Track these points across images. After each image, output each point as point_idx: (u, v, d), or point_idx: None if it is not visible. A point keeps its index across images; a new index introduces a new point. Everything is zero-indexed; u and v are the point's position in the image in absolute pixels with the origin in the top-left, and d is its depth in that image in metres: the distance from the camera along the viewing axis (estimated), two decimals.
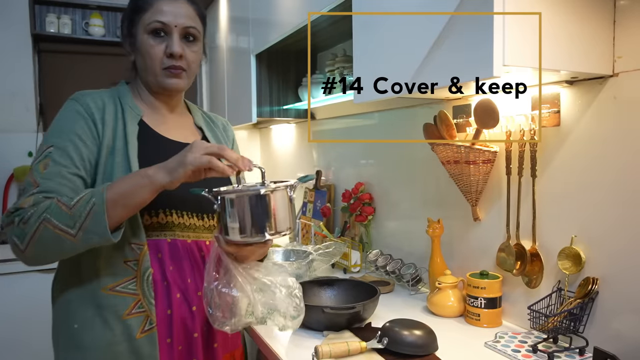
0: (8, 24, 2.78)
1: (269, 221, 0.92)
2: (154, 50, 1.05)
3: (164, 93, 1.12)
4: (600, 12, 1.03)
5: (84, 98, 1.04)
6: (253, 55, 2.30)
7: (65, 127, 1.00)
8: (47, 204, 0.90)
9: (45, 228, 0.88)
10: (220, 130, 1.26)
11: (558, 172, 1.19)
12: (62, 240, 0.89)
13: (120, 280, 1.00)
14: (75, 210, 0.89)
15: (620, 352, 1.00)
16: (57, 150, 0.97)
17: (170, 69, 1.07)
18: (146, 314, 1.00)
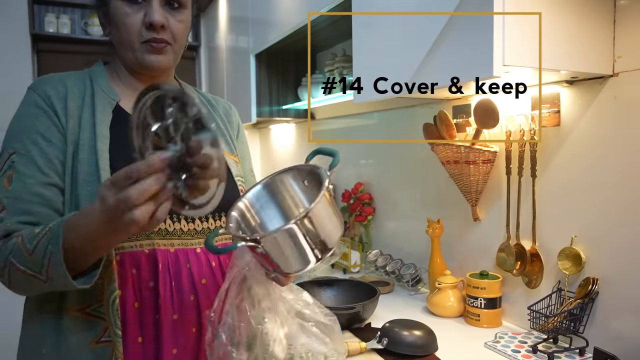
0: (7, 23, 2.77)
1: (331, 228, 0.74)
2: (130, 19, 0.85)
3: (146, 72, 0.91)
4: (600, 12, 1.03)
5: (42, 86, 0.86)
6: (252, 55, 2.30)
7: (25, 126, 0.84)
8: (11, 244, 0.76)
9: (14, 271, 0.75)
10: (220, 114, 1.04)
11: (558, 172, 1.18)
12: (37, 284, 0.75)
13: (88, 300, 0.81)
14: (35, 256, 0.73)
15: (621, 352, 1.00)
16: (20, 158, 0.81)
17: (151, 42, 0.86)
18: (115, 346, 0.80)
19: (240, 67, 2.49)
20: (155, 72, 0.92)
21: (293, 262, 0.72)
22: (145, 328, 0.84)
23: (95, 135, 0.84)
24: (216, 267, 0.91)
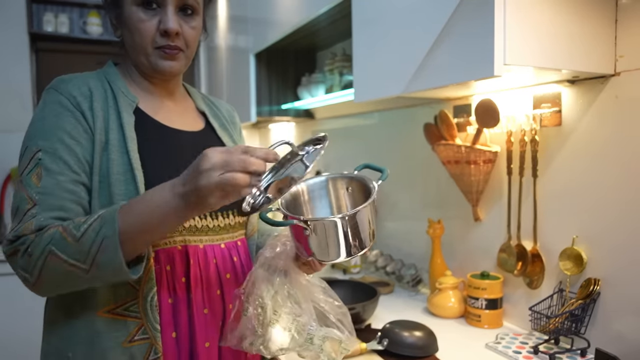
0: (5, 22, 2.76)
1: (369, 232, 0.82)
2: (145, 25, 0.86)
3: (158, 76, 0.93)
4: (601, 11, 1.02)
5: (66, 86, 0.86)
6: (252, 54, 2.29)
7: (50, 125, 0.83)
8: (51, 233, 0.75)
9: (53, 262, 0.74)
10: (224, 115, 1.07)
11: (559, 172, 1.18)
12: (73, 276, 0.74)
13: (120, 300, 0.82)
14: (84, 244, 0.73)
15: (622, 353, 1.00)
16: (47, 155, 0.80)
17: (165, 49, 0.87)
18: (150, 342, 0.82)
19: (239, 66, 2.48)
20: (167, 77, 0.94)
21: (329, 252, 0.80)
22: (178, 324, 0.86)
23: (125, 136, 0.85)
24: (237, 262, 0.94)
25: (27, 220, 0.77)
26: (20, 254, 0.76)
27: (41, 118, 0.85)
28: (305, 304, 0.87)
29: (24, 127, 0.90)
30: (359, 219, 0.80)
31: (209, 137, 0.99)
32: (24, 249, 0.75)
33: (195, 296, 0.87)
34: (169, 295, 0.86)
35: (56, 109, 0.84)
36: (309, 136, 0.78)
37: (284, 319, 0.85)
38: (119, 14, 0.89)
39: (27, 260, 0.75)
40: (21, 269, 0.76)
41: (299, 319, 0.86)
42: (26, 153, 0.82)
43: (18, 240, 0.76)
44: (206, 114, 1.02)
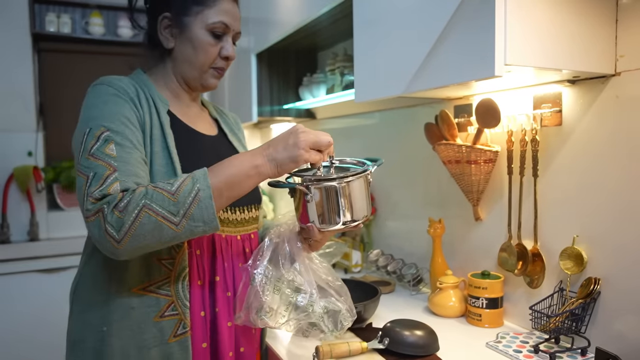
0: (8, 23, 2.77)
1: (364, 204, 0.93)
2: (212, 49, 1.02)
3: (199, 89, 1.09)
4: (602, 11, 1.03)
5: (116, 82, 0.96)
6: (253, 54, 2.30)
7: (112, 111, 0.91)
8: (143, 191, 0.82)
9: (147, 215, 0.80)
10: (232, 123, 1.22)
11: (560, 171, 1.18)
12: (163, 229, 0.82)
13: (153, 279, 0.93)
14: (180, 197, 0.82)
15: (622, 352, 1.00)
16: (115, 134, 0.88)
17: (219, 69, 1.05)
18: (179, 317, 0.93)
19: (241, 66, 2.49)
20: (206, 91, 1.10)
21: (327, 218, 0.90)
22: (205, 304, 0.98)
23: (164, 133, 0.97)
24: (249, 253, 1.07)
25: (110, 183, 0.83)
26: (108, 211, 0.81)
27: (101, 104, 0.92)
28: (307, 276, 0.96)
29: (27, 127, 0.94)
30: (354, 188, 0.90)
31: (222, 141, 1.14)
32: (113, 205, 0.81)
33: (220, 280, 1.00)
34: (199, 277, 0.98)
35: (114, 99, 0.93)
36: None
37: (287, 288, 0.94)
38: (181, 32, 1.02)
39: (117, 216, 0.80)
40: (109, 225, 0.80)
41: (301, 287, 0.94)
42: (90, 133, 0.88)
43: (104, 198, 0.82)
44: (218, 121, 1.17)
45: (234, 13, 1.04)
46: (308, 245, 1.00)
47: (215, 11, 1.01)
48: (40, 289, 2.41)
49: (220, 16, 1.01)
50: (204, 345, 0.97)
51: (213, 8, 1.01)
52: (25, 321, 2.38)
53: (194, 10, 1.00)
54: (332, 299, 0.97)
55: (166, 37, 1.03)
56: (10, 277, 2.36)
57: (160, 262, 0.93)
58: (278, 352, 1.16)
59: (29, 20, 2.82)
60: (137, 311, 0.92)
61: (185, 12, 1.01)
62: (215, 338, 1.00)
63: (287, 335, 1.26)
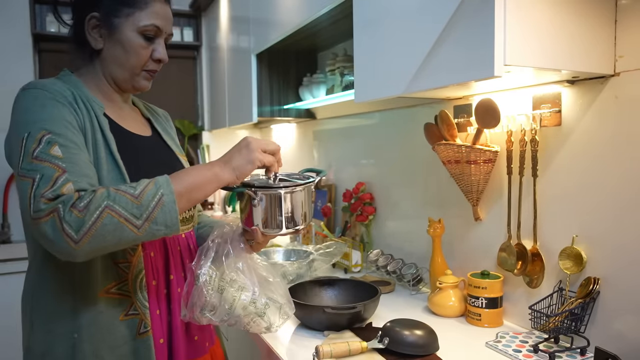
0: (8, 23, 2.78)
1: (305, 213, 1.00)
2: (144, 51, 1.00)
3: (131, 91, 1.07)
4: (601, 11, 1.03)
5: (51, 86, 0.93)
6: (254, 54, 2.30)
7: (52, 114, 0.88)
8: (105, 192, 0.81)
9: (109, 216, 0.79)
10: (163, 121, 1.22)
11: (559, 171, 1.18)
12: (124, 231, 0.81)
13: (114, 282, 0.94)
14: (143, 200, 0.82)
15: (622, 352, 1.00)
16: (59, 137, 0.85)
17: (151, 72, 1.04)
18: (140, 317, 0.96)
19: (241, 66, 2.49)
20: (138, 92, 1.08)
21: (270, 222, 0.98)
22: (160, 302, 1.01)
23: (106, 137, 0.96)
24: (193, 249, 1.11)
25: (62, 184, 0.81)
26: (65, 210, 0.78)
27: (38, 107, 0.88)
28: (250, 274, 1.02)
29: None
30: (297, 198, 0.97)
31: (158, 141, 1.14)
32: (70, 205, 0.79)
33: (173, 278, 1.03)
34: (153, 278, 1.00)
35: (52, 102, 0.90)
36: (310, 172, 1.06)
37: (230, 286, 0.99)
38: (111, 33, 0.99)
39: (76, 215, 0.78)
40: (67, 225, 0.78)
41: (243, 285, 1.00)
42: (30, 137, 0.85)
43: (58, 198, 0.80)
44: (151, 121, 1.16)
45: (166, 15, 1.02)
46: (250, 247, 1.03)
47: (146, 13, 0.99)
48: None
49: (152, 19, 0.99)
50: (161, 341, 1.00)
51: (145, 10, 0.98)
52: None
53: (125, 12, 0.98)
54: (271, 295, 1.03)
55: (94, 38, 1.00)
56: (11, 277, 2.36)
57: (117, 265, 0.94)
58: (278, 352, 1.17)
59: (29, 20, 2.82)
60: (105, 314, 0.93)
61: (115, 14, 0.98)
62: (170, 333, 1.03)
63: (287, 335, 1.27)
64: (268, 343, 1.22)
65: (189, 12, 3.33)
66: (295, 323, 1.33)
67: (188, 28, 3.34)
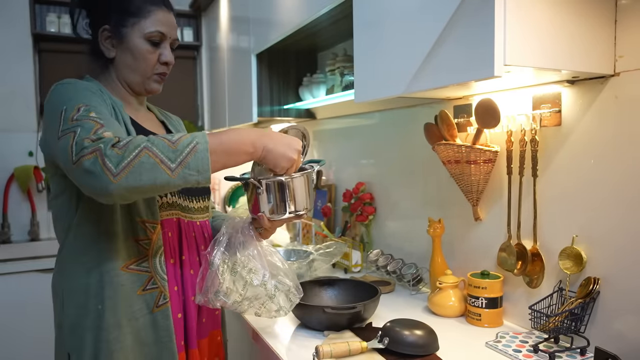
0: (8, 23, 2.78)
1: (306, 198, 1.06)
2: (152, 56, 1.11)
3: (144, 94, 1.18)
4: (601, 12, 1.03)
5: (83, 82, 1.05)
6: (253, 54, 2.30)
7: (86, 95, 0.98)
8: (145, 137, 0.89)
9: (147, 155, 0.86)
10: (176, 124, 1.33)
11: (559, 171, 1.18)
12: (159, 172, 0.86)
13: (134, 258, 1.05)
14: (179, 146, 0.89)
15: (622, 352, 1.00)
16: (93, 108, 0.94)
17: (161, 75, 1.15)
18: (160, 290, 1.07)
19: (241, 66, 2.49)
20: (150, 95, 1.19)
21: (275, 208, 1.05)
22: (177, 280, 1.12)
23: (128, 130, 1.06)
24: (208, 237, 1.21)
25: (103, 131, 0.89)
26: (106, 148, 0.85)
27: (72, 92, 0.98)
28: (260, 260, 1.11)
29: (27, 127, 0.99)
30: (298, 184, 1.03)
31: None
32: (111, 144, 0.85)
33: (186, 259, 1.14)
34: (171, 256, 1.11)
35: (85, 89, 1.01)
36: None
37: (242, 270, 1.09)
38: (120, 42, 1.11)
39: (116, 152, 0.85)
40: (108, 159, 0.84)
41: (254, 269, 1.09)
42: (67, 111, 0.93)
43: (100, 139, 0.87)
44: (165, 124, 1.28)
45: (169, 21, 1.13)
46: (259, 234, 1.12)
47: (150, 21, 1.10)
48: (41, 289, 2.41)
49: (155, 26, 1.10)
50: (179, 315, 1.11)
51: (149, 18, 1.10)
52: (26, 321, 2.39)
53: (131, 21, 1.09)
54: (281, 278, 1.12)
55: (107, 48, 1.12)
56: (11, 277, 2.36)
57: (138, 242, 1.05)
58: (278, 352, 1.17)
59: (29, 20, 2.83)
60: (126, 287, 1.04)
61: (123, 24, 1.10)
62: (185, 310, 1.13)
63: (287, 335, 1.27)
64: (268, 343, 1.22)
65: (189, 12, 3.33)
66: (295, 323, 1.33)
67: (188, 28, 3.34)
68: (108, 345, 1.02)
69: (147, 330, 1.06)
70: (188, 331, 1.14)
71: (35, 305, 2.39)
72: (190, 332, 1.14)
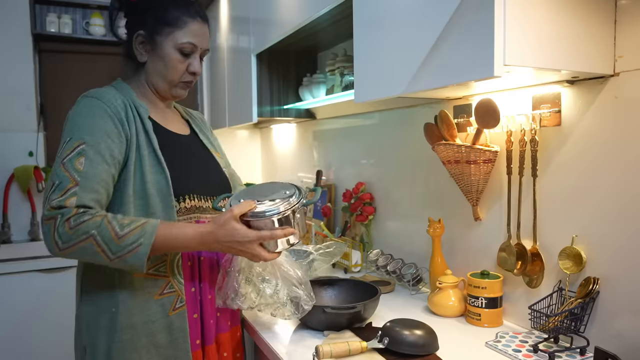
0: (8, 23, 2.78)
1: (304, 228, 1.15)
2: (181, 65, 1.16)
3: (168, 99, 1.23)
4: (601, 12, 1.03)
5: (105, 96, 1.09)
6: (254, 54, 2.30)
7: (94, 124, 1.04)
8: (98, 222, 0.96)
9: (90, 243, 0.96)
10: (199, 122, 1.38)
11: (559, 171, 1.19)
12: (99, 256, 0.98)
13: (152, 263, 1.07)
14: (122, 242, 0.97)
15: (621, 352, 1.00)
16: (90, 148, 1.01)
17: (188, 83, 1.20)
18: (177, 294, 1.10)
19: (241, 66, 2.49)
20: (176, 99, 1.25)
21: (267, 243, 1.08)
22: (195, 281, 1.16)
23: (150, 138, 1.12)
24: None
25: (69, 196, 0.97)
26: (60, 222, 0.95)
27: (88, 115, 1.05)
28: (273, 269, 1.18)
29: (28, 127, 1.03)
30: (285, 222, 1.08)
31: (195, 139, 1.30)
32: (65, 218, 0.95)
33: (204, 259, 1.18)
34: (188, 259, 1.15)
35: (99, 113, 1.06)
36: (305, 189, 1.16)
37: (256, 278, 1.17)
38: (153, 48, 1.15)
39: (66, 231, 0.95)
40: (57, 234, 0.95)
41: (268, 278, 1.17)
42: (69, 142, 1.02)
43: (60, 209, 0.96)
44: (189, 122, 1.33)
45: (203, 33, 1.17)
46: None
47: (184, 32, 1.13)
48: (41, 289, 2.41)
49: (189, 37, 1.14)
50: (195, 316, 1.15)
51: (183, 29, 1.13)
52: (26, 321, 2.38)
53: (166, 30, 1.13)
54: (293, 288, 1.19)
55: (140, 52, 1.17)
56: (11, 277, 2.36)
57: None
58: (278, 352, 1.17)
59: (29, 20, 2.82)
60: (140, 292, 1.07)
61: (157, 32, 1.13)
62: (201, 308, 1.18)
63: (287, 335, 1.27)
64: (268, 343, 1.22)
65: None
66: (295, 323, 1.33)
67: None
68: (122, 345, 1.06)
69: (162, 333, 1.09)
70: (205, 329, 1.17)
71: (36, 305, 2.39)
72: (207, 330, 1.18)
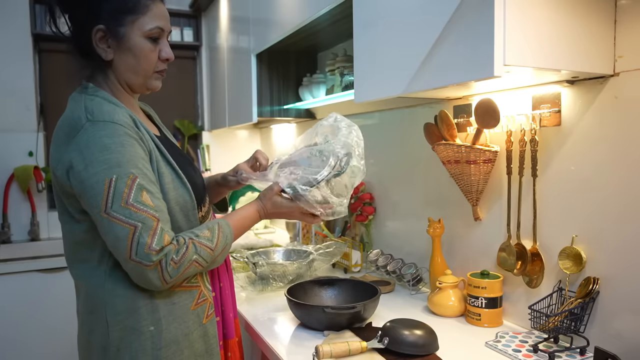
0: (8, 23, 2.78)
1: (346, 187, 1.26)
2: (153, 54, 1.05)
3: (144, 93, 1.12)
4: (601, 12, 1.03)
5: (118, 118, 0.97)
6: (253, 54, 2.30)
7: (132, 154, 0.95)
8: (193, 248, 0.98)
9: (194, 267, 0.99)
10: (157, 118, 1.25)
11: (559, 171, 1.19)
12: (196, 271, 1.02)
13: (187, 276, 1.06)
14: (215, 252, 1.02)
15: (621, 352, 1.00)
16: (143, 180, 0.95)
17: (161, 72, 1.09)
18: (208, 301, 1.10)
19: (241, 66, 2.49)
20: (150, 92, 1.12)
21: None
22: (215, 285, 1.16)
23: (161, 151, 1.04)
24: None
25: (161, 234, 0.94)
26: (167, 262, 0.94)
27: (118, 147, 0.94)
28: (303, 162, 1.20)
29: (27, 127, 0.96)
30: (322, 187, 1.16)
31: (168, 139, 1.18)
32: (170, 257, 0.94)
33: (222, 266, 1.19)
34: None
35: (128, 140, 0.97)
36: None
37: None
38: (119, 43, 1.02)
39: (174, 267, 0.95)
40: (167, 274, 0.94)
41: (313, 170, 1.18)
42: (120, 181, 0.93)
43: (162, 250, 0.93)
44: (151, 117, 1.21)
45: (165, 15, 1.07)
46: None
47: (149, 17, 1.02)
48: (41, 289, 2.42)
49: (155, 21, 1.03)
50: (217, 319, 1.15)
51: (147, 14, 1.02)
52: (26, 321, 2.39)
53: (129, 19, 1.01)
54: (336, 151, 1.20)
55: (104, 49, 1.02)
56: (11, 277, 2.36)
57: None
58: (278, 352, 1.17)
59: (29, 20, 2.83)
60: (178, 305, 1.04)
61: (120, 23, 1.01)
62: (223, 310, 1.18)
63: (287, 335, 1.27)
64: (268, 343, 1.22)
65: (189, 12, 3.33)
66: (295, 323, 1.33)
67: (188, 28, 3.34)
68: None
69: (199, 342, 1.07)
70: (225, 329, 1.18)
71: (35, 305, 2.39)
72: (227, 328, 1.18)
